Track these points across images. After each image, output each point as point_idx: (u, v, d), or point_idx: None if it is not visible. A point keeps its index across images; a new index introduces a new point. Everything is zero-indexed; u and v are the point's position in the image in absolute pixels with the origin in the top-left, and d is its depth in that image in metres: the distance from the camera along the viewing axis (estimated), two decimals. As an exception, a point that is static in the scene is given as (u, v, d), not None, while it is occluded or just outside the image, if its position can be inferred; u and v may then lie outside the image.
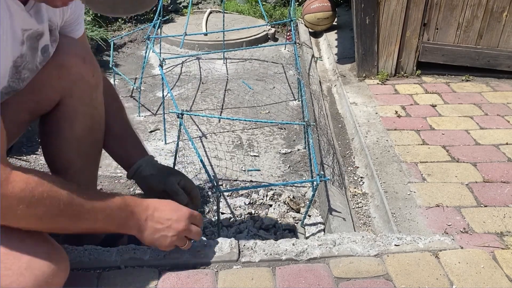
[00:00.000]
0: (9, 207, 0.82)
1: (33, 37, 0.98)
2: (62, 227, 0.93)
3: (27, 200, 0.83)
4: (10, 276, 0.82)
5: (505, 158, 1.82)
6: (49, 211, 0.87)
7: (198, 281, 1.12)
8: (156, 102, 2.56)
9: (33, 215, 0.85)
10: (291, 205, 1.66)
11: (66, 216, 0.91)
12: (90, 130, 1.21)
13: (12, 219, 0.85)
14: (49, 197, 0.87)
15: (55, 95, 1.14)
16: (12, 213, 0.83)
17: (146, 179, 1.24)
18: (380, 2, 2.50)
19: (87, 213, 0.94)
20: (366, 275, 1.15)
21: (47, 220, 0.88)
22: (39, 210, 0.86)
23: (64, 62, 1.10)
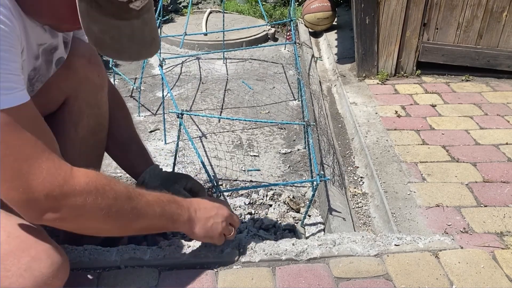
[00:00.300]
0: (77, 204, 0.83)
1: (48, 50, 1.00)
2: (123, 223, 0.94)
3: (93, 193, 0.85)
4: (9, 277, 0.82)
5: (505, 158, 1.82)
6: (114, 204, 0.89)
7: (198, 281, 1.12)
8: (156, 102, 2.56)
9: (99, 211, 0.86)
10: (291, 205, 1.66)
11: (128, 210, 0.92)
12: (94, 130, 1.22)
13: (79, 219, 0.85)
14: (111, 189, 0.89)
15: (61, 96, 1.14)
16: (80, 211, 0.84)
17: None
18: (380, 2, 2.50)
19: (146, 207, 0.96)
20: (366, 275, 1.15)
21: (112, 215, 0.89)
22: (104, 203, 0.87)
23: (71, 63, 1.11)
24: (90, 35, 0.80)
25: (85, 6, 0.77)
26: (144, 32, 0.87)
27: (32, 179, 0.78)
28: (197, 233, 1.08)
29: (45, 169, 0.80)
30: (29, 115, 0.81)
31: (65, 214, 0.83)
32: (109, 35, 0.81)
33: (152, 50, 0.90)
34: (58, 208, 0.82)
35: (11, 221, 0.88)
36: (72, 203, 0.83)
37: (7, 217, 0.89)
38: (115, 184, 0.91)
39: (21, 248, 0.85)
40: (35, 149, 0.79)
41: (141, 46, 0.87)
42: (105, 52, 0.84)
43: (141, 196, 0.96)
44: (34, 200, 0.79)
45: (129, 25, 0.83)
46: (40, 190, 0.79)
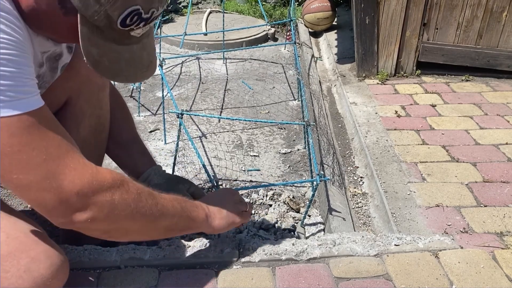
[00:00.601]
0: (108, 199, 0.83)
1: (52, 57, 1.00)
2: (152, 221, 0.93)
3: (120, 188, 0.86)
4: (8, 278, 0.82)
5: (505, 158, 1.82)
6: (139, 199, 0.89)
7: (198, 281, 1.12)
8: (156, 102, 2.56)
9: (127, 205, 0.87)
10: (291, 205, 1.66)
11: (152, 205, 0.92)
12: (96, 131, 1.22)
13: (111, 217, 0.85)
14: (134, 185, 0.90)
15: (63, 95, 1.15)
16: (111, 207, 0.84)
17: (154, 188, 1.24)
18: (380, 2, 2.50)
19: (167, 204, 0.96)
20: (366, 275, 1.15)
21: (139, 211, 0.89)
22: (130, 197, 0.87)
23: (73, 63, 1.11)
24: (88, 58, 0.81)
25: (87, 30, 0.78)
26: (142, 56, 0.88)
27: (62, 179, 0.78)
28: (218, 226, 1.08)
29: (72, 168, 0.80)
30: (49, 117, 0.82)
31: (96, 212, 0.82)
32: (107, 58, 0.82)
33: (148, 73, 0.91)
34: (89, 206, 0.81)
35: (10, 222, 0.88)
36: (102, 198, 0.83)
37: (7, 218, 0.89)
38: (135, 182, 0.92)
39: (20, 249, 0.85)
40: (60, 149, 0.80)
41: (138, 69, 0.88)
42: (101, 73, 0.84)
43: (159, 194, 0.97)
44: (66, 200, 0.79)
45: (128, 50, 0.84)
46: (71, 189, 0.79)
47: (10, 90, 0.73)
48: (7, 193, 1.69)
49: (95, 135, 1.22)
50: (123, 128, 1.31)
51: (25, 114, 0.75)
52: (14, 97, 0.73)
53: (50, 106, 1.14)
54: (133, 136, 1.31)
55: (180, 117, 1.59)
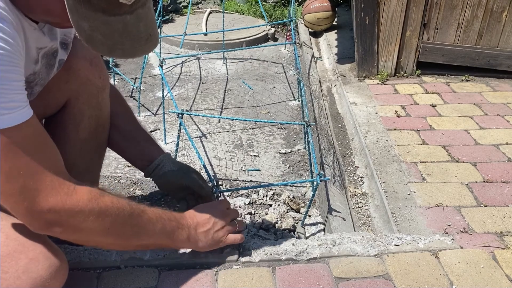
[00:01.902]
0: (78, 220, 0.85)
1: (49, 54, 0.99)
2: (124, 240, 0.96)
3: (95, 211, 0.87)
4: (7, 279, 0.82)
5: (505, 158, 1.82)
6: (115, 222, 0.91)
7: (198, 281, 1.12)
8: (156, 102, 2.56)
9: (100, 227, 0.89)
10: (291, 205, 1.66)
11: (129, 227, 0.95)
12: (95, 133, 1.21)
13: (79, 233, 0.88)
14: (114, 207, 0.91)
15: (62, 97, 1.14)
16: (81, 226, 0.86)
17: (166, 175, 1.24)
18: (380, 2, 2.50)
19: (147, 224, 0.98)
20: (366, 275, 1.15)
21: (113, 231, 0.92)
22: (106, 220, 0.89)
23: (72, 65, 1.11)
24: (80, 32, 0.78)
25: (73, 2, 0.75)
26: (139, 28, 0.83)
27: (36, 195, 0.80)
28: (201, 247, 1.11)
29: (49, 185, 0.82)
30: (33, 132, 0.82)
31: (66, 229, 0.86)
32: (100, 32, 0.79)
33: (148, 47, 0.87)
34: (60, 223, 0.84)
35: (9, 223, 0.88)
36: (73, 219, 0.85)
37: (6, 218, 0.89)
38: (118, 202, 0.93)
39: (19, 250, 0.85)
40: (39, 166, 0.81)
41: (135, 42, 0.84)
42: (97, 49, 0.82)
43: (143, 213, 0.97)
44: (38, 214, 0.81)
45: (121, 21, 0.80)
46: (44, 205, 0.81)
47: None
48: (7, 193, 1.69)
49: (95, 137, 1.22)
50: (127, 120, 1.31)
51: (4, 130, 0.75)
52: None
53: (49, 108, 1.15)
54: (138, 126, 1.31)
55: (180, 117, 1.59)
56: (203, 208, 1.14)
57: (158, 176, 1.25)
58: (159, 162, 1.25)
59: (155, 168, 1.25)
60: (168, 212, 1.05)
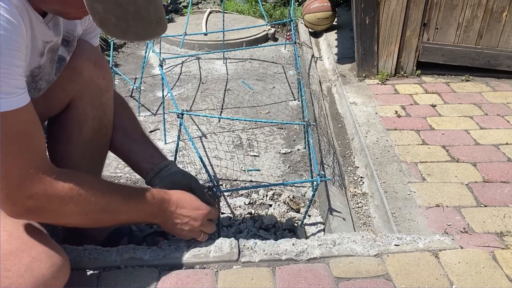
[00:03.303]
0: (58, 207, 0.89)
1: (55, 49, 1.00)
2: (104, 221, 1.01)
3: (75, 199, 0.90)
4: (9, 277, 0.82)
5: (505, 158, 1.82)
6: (94, 207, 0.95)
7: (198, 281, 1.12)
8: (156, 102, 2.56)
9: (79, 212, 0.93)
10: (291, 205, 1.66)
11: (109, 211, 0.99)
12: (98, 134, 1.21)
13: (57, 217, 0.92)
14: (93, 194, 0.94)
15: (65, 98, 1.14)
16: (60, 212, 0.90)
17: (173, 175, 1.24)
18: (380, 2, 2.50)
19: (125, 207, 1.02)
20: (366, 275, 1.15)
21: (92, 215, 0.96)
22: (86, 206, 0.93)
23: (76, 65, 1.11)
24: (94, 15, 0.79)
25: None
26: (150, 10, 0.85)
27: (20, 181, 0.83)
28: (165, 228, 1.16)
29: (33, 172, 0.84)
30: (26, 119, 0.84)
31: (44, 214, 0.89)
32: (113, 14, 0.80)
33: (159, 30, 0.89)
34: (39, 209, 0.87)
35: (12, 221, 0.89)
36: (53, 206, 0.88)
37: (9, 217, 0.89)
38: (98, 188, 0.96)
39: (22, 248, 0.85)
40: (26, 153, 0.83)
41: (147, 25, 0.85)
42: (110, 32, 0.83)
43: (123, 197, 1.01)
44: (19, 199, 0.84)
45: (133, 3, 0.82)
46: (26, 192, 0.84)
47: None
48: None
49: (97, 138, 1.22)
50: (134, 125, 1.32)
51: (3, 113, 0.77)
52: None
53: (53, 108, 1.15)
54: (143, 133, 1.32)
55: (180, 117, 1.59)
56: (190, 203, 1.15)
57: (164, 176, 1.24)
58: (167, 163, 1.25)
59: (162, 169, 1.24)
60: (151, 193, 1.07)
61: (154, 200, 1.07)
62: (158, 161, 1.26)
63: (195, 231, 1.17)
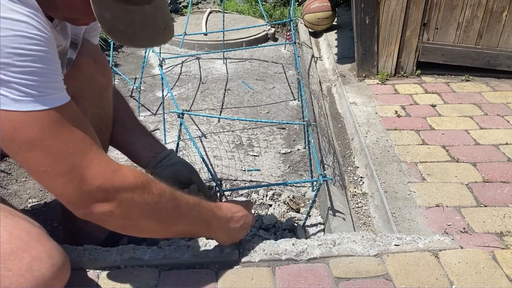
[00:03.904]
0: (127, 196, 0.87)
1: (63, 53, 1.01)
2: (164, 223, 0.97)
3: (140, 188, 0.89)
4: (10, 277, 0.82)
5: (505, 158, 1.82)
6: (158, 201, 0.93)
7: (198, 281, 1.12)
8: (156, 102, 2.56)
9: (145, 205, 0.90)
10: (291, 205, 1.66)
11: (170, 208, 0.96)
12: (98, 131, 1.21)
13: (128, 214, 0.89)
14: (156, 186, 0.93)
15: None
16: (129, 204, 0.88)
17: (175, 165, 1.23)
18: (380, 2, 2.50)
19: (186, 208, 1.00)
20: (366, 275, 1.15)
21: (156, 211, 0.93)
22: (150, 198, 0.91)
23: (77, 63, 1.12)
24: (103, 22, 0.80)
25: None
26: (157, 17, 0.86)
27: (86, 172, 0.82)
28: (224, 241, 1.15)
29: (96, 163, 0.84)
30: (76, 112, 0.85)
31: (114, 207, 0.87)
32: (122, 21, 0.81)
33: (166, 36, 0.90)
34: (108, 200, 0.86)
35: (13, 221, 0.88)
36: (122, 195, 0.87)
37: (9, 217, 0.89)
38: (159, 182, 0.95)
39: (23, 248, 0.85)
40: (85, 144, 0.84)
41: (154, 32, 0.87)
42: (118, 39, 0.84)
43: (181, 196, 0.99)
44: (87, 192, 0.83)
45: (140, 10, 0.83)
46: (93, 182, 0.83)
47: (41, 86, 0.76)
48: (8, 193, 1.69)
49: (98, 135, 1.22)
50: (132, 117, 1.32)
51: (55, 109, 0.78)
52: (45, 92, 0.77)
53: None
54: (142, 125, 1.32)
55: (180, 117, 1.59)
56: (236, 204, 1.16)
57: (166, 166, 1.23)
58: (168, 152, 1.25)
59: (163, 158, 1.23)
60: (204, 201, 1.06)
61: (209, 206, 1.06)
62: (158, 149, 1.25)
63: (247, 228, 1.18)
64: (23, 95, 0.74)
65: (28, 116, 0.75)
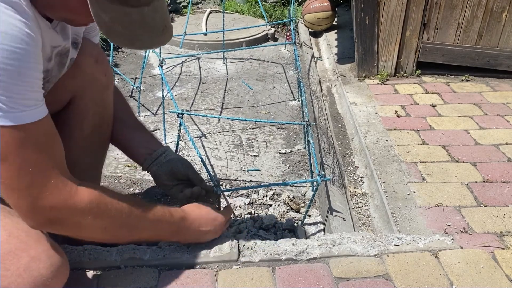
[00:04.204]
0: (78, 219, 0.88)
1: (63, 53, 1.01)
2: (123, 237, 1.02)
3: (94, 212, 0.89)
4: (8, 277, 0.82)
5: (505, 158, 1.82)
6: (113, 222, 0.94)
7: (198, 281, 1.12)
8: (156, 102, 2.56)
9: (98, 226, 0.92)
10: (291, 205, 1.66)
11: (127, 227, 0.98)
12: (99, 130, 1.22)
13: (78, 230, 0.91)
14: (113, 208, 0.93)
15: (67, 94, 1.15)
16: (80, 225, 0.89)
17: (172, 162, 1.24)
18: (380, 2, 2.50)
19: (145, 224, 1.01)
20: (366, 275, 1.15)
21: (111, 231, 0.95)
22: (105, 221, 0.92)
23: (78, 61, 1.12)
24: (100, 24, 0.80)
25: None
26: (155, 19, 0.86)
27: (41, 192, 0.83)
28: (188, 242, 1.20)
29: (53, 183, 0.84)
30: (45, 131, 0.84)
31: (66, 226, 0.89)
32: (120, 23, 0.81)
33: (165, 38, 0.90)
34: (60, 220, 0.87)
35: (12, 220, 0.89)
36: (73, 218, 0.88)
37: (9, 216, 0.89)
38: (117, 203, 0.95)
39: (21, 248, 0.85)
40: (47, 164, 0.84)
41: (153, 33, 0.86)
42: (117, 41, 0.84)
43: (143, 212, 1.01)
44: (40, 210, 0.84)
45: (139, 12, 0.82)
46: (47, 203, 0.83)
47: (11, 102, 0.75)
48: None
49: (98, 133, 1.22)
50: (130, 115, 1.32)
51: (21, 126, 0.78)
52: (15, 108, 0.76)
53: (55, 105, 1.15)
54: (140, 122, 1.33)
55: (180, 117, 1.59)
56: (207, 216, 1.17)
57: (162, 163, 1.23)
58: (164, 150, 1.25)
59: (159, 155, 1.24)
60: (169, 212, 1.07)
61: (173, 219, 1.07)
62: (154, 146, 1.26)
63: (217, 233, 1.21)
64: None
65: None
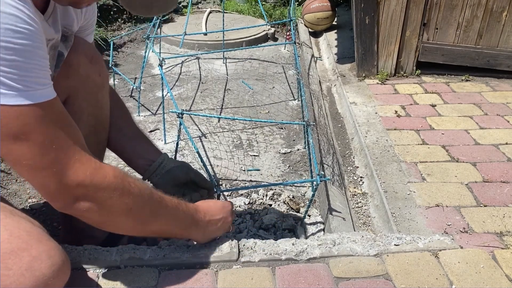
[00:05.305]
0: (105, 196, 0.88)
1: (56, 46, 1.01)
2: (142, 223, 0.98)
3: (120, 188, 0.90)
4: (10, 276, 0.82)
5: (504, 158, 1.82)
6: (137, 202, 0.94)
7: (198, 281, 1.12)
8: (156, 102, 2.56)
9: (124, 206, 0.91)
10: (290, 205, 1.66)
11: (149, 210, 0.97)
12: (95, 131, 1.21)
13: (104, 212, 0.90)
14: (136, 186, 0.93)
15: (61, 94, 1.14)
16: (106, 204, 0.89)
17: (171, 171, 1.26)
18: (380, 2, 2.50)
19: (165, 209, 1.00)
20: (366, 275, 1.15)
21: (135, 212, 0.94)
22: (129, 199, 0.92)
23: (72, 61, 1.11)
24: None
25: None
26: None
27: (67, 168, 0.83)
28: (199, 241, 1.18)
29: (77, 159, 0.85)
30: (61, 109, 0.86)
31: (92, 204, 0.88)
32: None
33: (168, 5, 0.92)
34: (87, 197, 0.87)
35: (13, 220, 0.88)
36: (100, 194, 0.87)
37: (10, 216, 0.89)
38: (139, 183, 0.95)
39: (23, 247, 0.85)
40: (68, 141, 0.84)
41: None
42: (137, 10, 0.87)
43: (161, 198, 1.00)
44: (67, 187, 0.84)
45: None
46: (74, 179, 0.84)
47: (27, 80, 0.76)
48: (8, 192, 1.69)
49: (94, 134, 1.22)
50: (128, 122, 1.32)
51: (39, 104, 0.78)
52: (31, 87, 0.77)
53: None
54: (137, 129, 1.33)
55: (180, 117, 1.59)
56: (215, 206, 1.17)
57: (162, 175, 1.25)
58: (161, 160, 1.26)
59: (158, 167, 1.25)
60: (183, 203, 1.07)
61: (188, 209, 1.07)
62: (152, 156, 1.27)
63: (226, 228, 1.19)
64: (8, 89, 0.74)
65: (13, 110, 0.76)
